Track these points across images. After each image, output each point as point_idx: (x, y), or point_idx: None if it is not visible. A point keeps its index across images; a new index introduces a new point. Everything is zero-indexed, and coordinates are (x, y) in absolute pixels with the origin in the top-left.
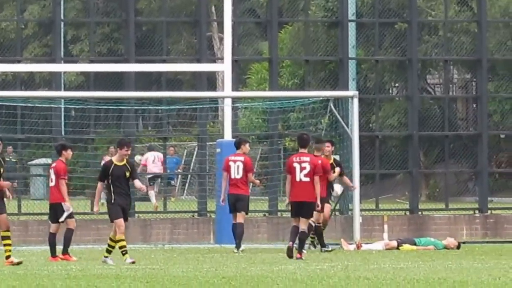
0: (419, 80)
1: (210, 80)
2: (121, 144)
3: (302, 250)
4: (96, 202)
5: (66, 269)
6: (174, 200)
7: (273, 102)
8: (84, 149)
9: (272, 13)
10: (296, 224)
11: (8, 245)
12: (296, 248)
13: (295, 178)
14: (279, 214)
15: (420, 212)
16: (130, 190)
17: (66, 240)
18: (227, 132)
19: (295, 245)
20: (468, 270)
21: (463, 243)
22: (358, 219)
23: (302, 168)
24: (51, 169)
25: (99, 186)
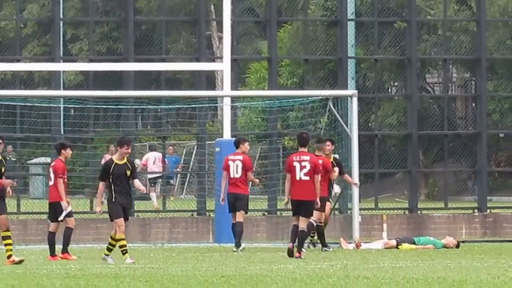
0: (418, 79)
1: (209, 79)
2: (121, 143)
3: (302, 249)
4: (99, 203)
5: (65, 268)
6: (173, 199)
7: (272, 101)
8: (83, 148)
9: (271, 12)
10: (296, 223)
11: (9, 244)
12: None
13: (295, 177)
14: (278, 213)
15: (419, 211)
16: (131, 189)
17: (66, 239)
18: (226, 131)
19: (296, 245)
20: (467, 269)
21: (462, 242)
22: (357, 218)
23: (302, 167)
24: (51, 168)
25: (101, 186)
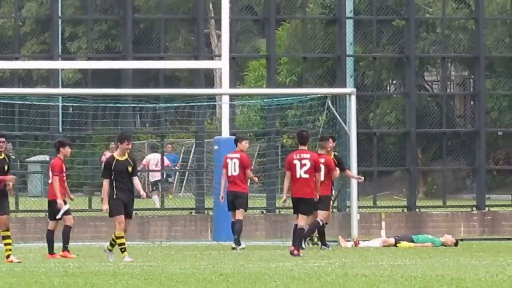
0: (417, 77)
1: (208, 77)
2: (121, 139)
3: (300, 247)
4: (105, 201)
5: (63, 266)
6: (172, 197)
7: (270, 99)
8: (82, 146)
9: (270, 10)
10: (297, 222)
11: (8, 244)
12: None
13: (296, 175)
14: (277, 211)
15: (417, 209)
16: (133, 186)
17: (65, 237)
18: (225, 129)
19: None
20: (465, 267)
21: (461, 240)
22: (355, 216)
23: (303, 165)
24: (50, 166)
25: (105, 184)
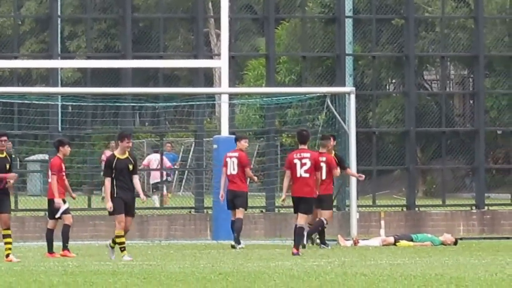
0: (416, 76)
1: (207, 76)
2: (121, 137)
3: (299, 245)
4: (108, 199)
5: (63, 265)
6: (171, 196)
7: (270, 98)
8: (81, 145)
9: (269, 9)
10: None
11: (9, 243)
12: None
13: (296, 174)
14: (276, 210)
15: (417, 208)
16: (133, 185)
17: (64, 236)
18: (224, 128)
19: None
20: (465, 266)
21: (460, 239)
22: (355, 215)
23: (303, 164)
24: (49, 165)
25: (107, 182)
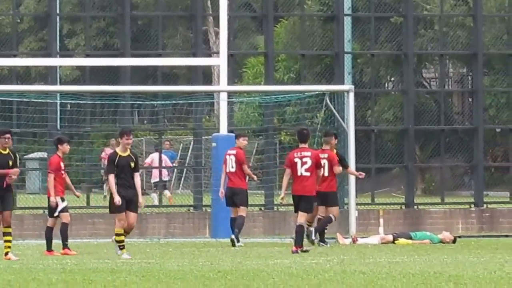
0: (415, 74)
1: (206, 74)
2: (121, 133)
3: (300, 243)
4: (115, 194)
5: (61, 263)
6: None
7: (268, 96)
8: (80, 143)
9: (268, 7)
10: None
11: (8, 241)
12: (302, 251)
13: (297, 173)
14: (275, 208)
15: (415, 206)
16: (134, 182)
17: (63, 234)
18: (223, 126)
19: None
20: (463, 264)
21: (459, 237)
22: (353, 213)
23: (303, 163)
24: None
25: (111, 179)
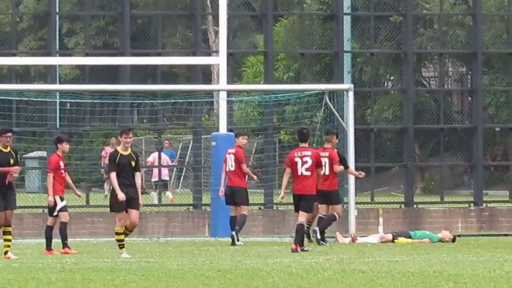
0: (414, 73)
1: (205, 73)
2: (121, 132)
3: (299, 242)
4: (119, 191)
5: (61, 262)
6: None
7: (268, 95)
8: (79, 142)
9: (268, 6)
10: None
11: (8, 240)
12: (303, 250)
13: (297, 172)
14: (275, 207)
15: (415, 205)
16: (135, 181)
17: (62, 233)
18: (222, 125)
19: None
20: (463, 263)
21: (458, 236)
22: (353, 212)
23: (304, 162)
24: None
25: (113, 176)
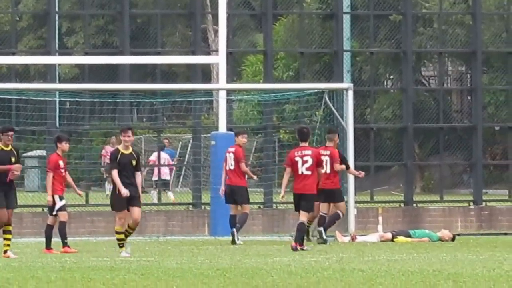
0: (414, 72)
1: (205, 72)
2: (120, 130)
3: (300, 241)
4: (122, 187)
5: (60, 261)
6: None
7: (267, 94)
8: (79, 141)
9: (267, 5)
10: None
11: (8, 239)
12: (303, 249)
13: (298, 171)
14: (274, 206)
15: (414, 204)
16: (135, 180)
17: (61, 233)
18: (222, 124)
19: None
20: (462, 262)
21: (458, 235)
22: (353, 211)
23: (304, 162)
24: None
25: (114, 174)
